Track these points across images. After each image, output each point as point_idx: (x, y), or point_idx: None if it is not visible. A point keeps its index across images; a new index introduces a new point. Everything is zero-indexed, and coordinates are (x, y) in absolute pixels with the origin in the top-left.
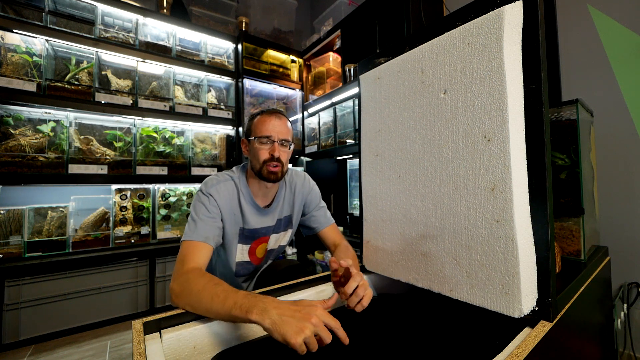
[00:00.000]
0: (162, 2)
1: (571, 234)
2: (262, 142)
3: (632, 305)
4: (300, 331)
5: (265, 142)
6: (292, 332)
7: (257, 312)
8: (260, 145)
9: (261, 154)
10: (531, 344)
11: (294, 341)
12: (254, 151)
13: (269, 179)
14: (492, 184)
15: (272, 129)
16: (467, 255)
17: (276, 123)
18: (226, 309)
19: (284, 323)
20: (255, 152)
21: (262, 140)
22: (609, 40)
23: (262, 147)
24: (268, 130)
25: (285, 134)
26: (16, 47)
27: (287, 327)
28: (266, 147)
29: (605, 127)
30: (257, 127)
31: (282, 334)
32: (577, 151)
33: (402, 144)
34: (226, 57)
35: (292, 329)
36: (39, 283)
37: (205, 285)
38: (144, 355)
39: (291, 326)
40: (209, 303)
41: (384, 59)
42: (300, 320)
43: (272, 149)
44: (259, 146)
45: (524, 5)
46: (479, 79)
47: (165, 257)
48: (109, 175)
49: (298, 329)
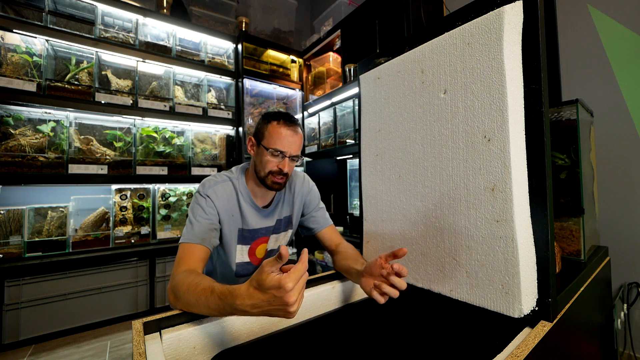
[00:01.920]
0: (162, 2)
1: (571, 234)
2: (274, 154)
3: (632, 305)
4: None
5: (277, 155)
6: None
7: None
8: (270, 157)
9: (269, 165)
10: (531, 344)
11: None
12: (262, 158)
13: (272, 189)
14: (492, 184)
15: (286, 144)
16: (467, 255)
17: (292, 140)
18: (213, 310)
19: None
20: (264, 161)
21: (274, 153)
22: (609, 40)
23: (272, 159)
24: (283, 145)
25: (297, 150)
26: (16, 47)
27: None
28: (276, 160)
29: (605, 127)
30: (272, 135)
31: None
32: (577, 151)
33: (402, 144)
34: (226, 57)
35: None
36: (39, 283)
37: (189, 286)
38: (144, 355)
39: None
40: (197, 305)
41: (384, 59)
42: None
43: (283, 164)
44: (269, 158)
45: (524, 5)
46: (479, 79)
47: (165, 257)
48: (109, 175)
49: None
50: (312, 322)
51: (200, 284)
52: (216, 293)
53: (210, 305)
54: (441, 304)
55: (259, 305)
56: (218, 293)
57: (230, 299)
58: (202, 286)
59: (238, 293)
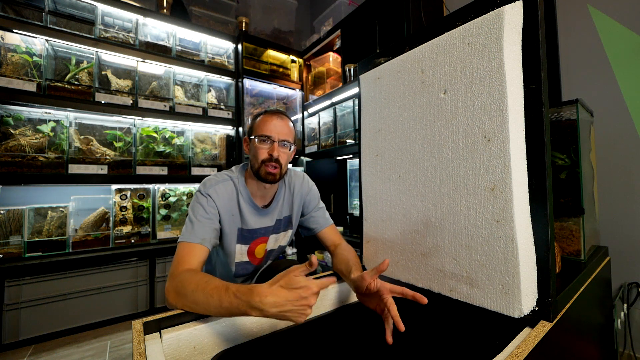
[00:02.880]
0: (162, 2)
1: (571, 234)
2: (262, 140)
3: (632, 305)
4: (302, 315)
5: (265, 142)
6: (295, 318)
7: (255, 313)
8: (259, 145)
9: (260, 153)
10: (531, 344)
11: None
12: (253, 150)
13: (267, 180)
14: (492, 184)
15: (272, 129)
16: (467, 255)
17: (277, 123)
18: (224, 309)
19: (285, 316)
20: (255, 151)
21: (262, 139)
22: (609, 40)
23: (261, 146)
24: (269, 130)
25: (285, 135)
26: (16, 47)
27: (290, 316)
28: (265, 147)
29: (605, 127)
30: (258, 126)
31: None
32: (577, 151)
33: (402, 144)
34: (226, 57)
35: (294, 316)
36: (39, 283)
37: (197, 285)
38: (144, 355)
39: (293, 314)
40: (206, 303)
41: (384, 59)
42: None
43: (272, 149)
44: (259, 145)
45: (524, 5)
46: (479, 79)
47: (165, 257)
48: (109, 175)
49: (299, 314)
50: (311, 322)
51: (210, 282)
52: (232, 291)
53: (222, 303)
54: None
55: (281, 304)
56: (234, 291)
57: (248, 296)
58: (214, 284)
59: (260, 290)
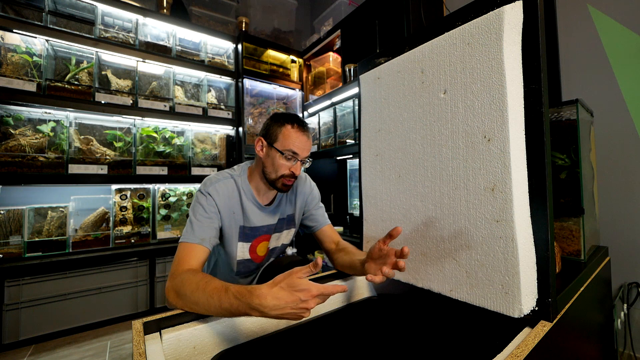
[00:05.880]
0: (162, 2)
1: (571, 234)
2: (288, 157)
3: (632, 305)
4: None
5: (291, 159)
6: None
7: (256, 314)
8: (283, 161)
9: (282, 168)
10: (531, 344)
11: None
12: (273, 161)
13: (281, 190)
14: (492, 184)
15: (300, 146)
16: (467, 255)
17: (305, 140)
18: (224, 310)
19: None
20: (276, 164)
21: (288, 156)
22: (609, 40)
23: (285, 162)
24: (297, 147)
25: (308, 151)
26: (16, 47)
27: (288, 318)
28: (289, 164)
29: (605, 127)
30: (286, 138)
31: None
32: (577, 151)
33: (402, 144)
34: (226, 57)
35: (292, 318)
36: (39, 283)
37: (198, 285)
38: (144, 355)
39: (291, 316)
40: (206, 304)
41: (384, 59)
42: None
43: (296, 167)
44: (282, 161)
45: (524, 5)
46: (479, 79)
47: (165, 257)
48: (109, 175)
49: (298, 316)
50: (313, 321)
51: (210, 283)
52: (232, 292)
53: (222, 304)
54: (441, 304)
55: (280, 307)
56: (234, 292)
57: (248, 297)
58: (214, 285)
59: (259, 292)
